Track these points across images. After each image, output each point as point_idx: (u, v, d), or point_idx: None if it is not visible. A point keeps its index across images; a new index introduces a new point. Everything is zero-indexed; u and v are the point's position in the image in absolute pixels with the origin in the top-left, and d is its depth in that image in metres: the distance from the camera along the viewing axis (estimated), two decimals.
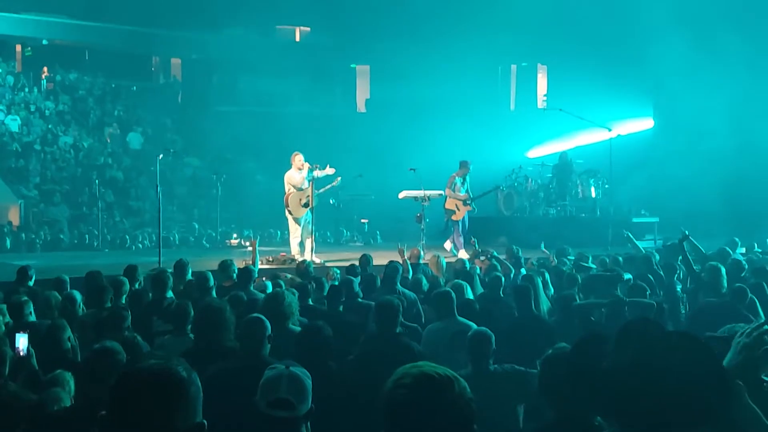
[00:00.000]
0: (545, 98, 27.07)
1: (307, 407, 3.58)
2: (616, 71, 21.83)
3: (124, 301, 8.26)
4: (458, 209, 16.51)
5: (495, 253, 11.85)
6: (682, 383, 2.31)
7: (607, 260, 11.41)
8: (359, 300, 8.62)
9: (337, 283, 9.58)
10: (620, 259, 11.16)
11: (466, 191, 16.71)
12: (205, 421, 2.09)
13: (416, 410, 2.15)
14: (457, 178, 16.73)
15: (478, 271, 10.62)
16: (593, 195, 19.51)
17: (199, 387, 2.11)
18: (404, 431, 2.18)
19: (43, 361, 5.61)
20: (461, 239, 16.39)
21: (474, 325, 7.03)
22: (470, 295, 8.37)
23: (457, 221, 16.53)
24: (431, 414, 2.15)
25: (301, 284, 8.96)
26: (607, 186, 19.48)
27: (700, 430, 2.32)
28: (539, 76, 28.44)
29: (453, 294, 7.47)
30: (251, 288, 8.80)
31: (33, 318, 7.07)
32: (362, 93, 31.92)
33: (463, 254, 14.85)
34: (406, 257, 11.34)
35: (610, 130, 18.30)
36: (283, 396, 3.52)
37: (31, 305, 7.16)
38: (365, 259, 11.22)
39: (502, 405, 5.65)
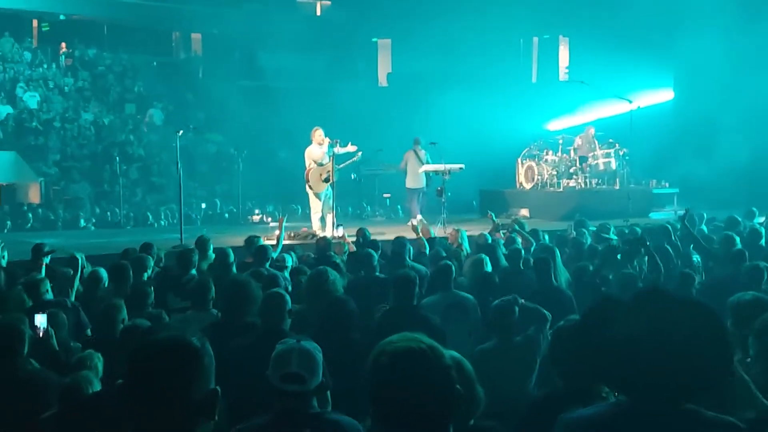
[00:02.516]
0: (567, 70, 26.88)
1: (317, 381, 3.64)
2: (636, 43, 21.63)
3: (145, 279, 8.34)
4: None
5: (517, 227, 11.82)
6: (690, 351, 2.32)
7: (627, 231, 11.38)
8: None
9: (345, 258, 9.65)
10: (638, 230, 11.12)
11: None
12: (218, 388, 2.15)
13: (394, 377, 2.26)
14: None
15: (501, 243, 10.58)
16: (613, 167, 19.43)
17: (212, 356, 2.17)
18: (384, 397, 2.28)
19: (97, 342, 5.58)
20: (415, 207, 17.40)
21: (470, 297, 7.09)
22: (489, 268, 8.38)
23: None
24: (408, 381, 2.24)
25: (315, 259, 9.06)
26: (627, 158, 19.40)
27: (703, 398, 2.34)
28: (561, 48, 28.21)
29: (452, 267, 7.57)
30: (267, 265, 8.84)
31: (50, 296, 7.11)
32: (384, 67, 31.78)
33: (413, 221, 15.39)
34: (420, 234, 11.35)
35: (630, 101, 18.21)
36: (294, 370, 3.59)
37: (48, 283, 7.20)
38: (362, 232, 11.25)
39: (524, 374, 5.68)
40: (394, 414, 2.27)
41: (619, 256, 8.91)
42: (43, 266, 8.60)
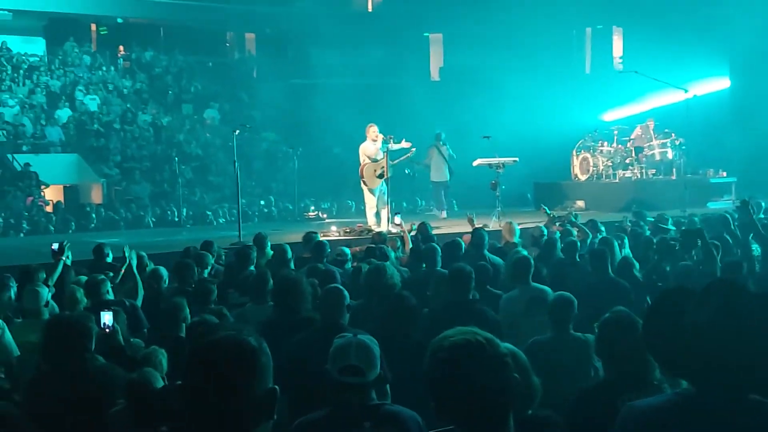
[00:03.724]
0: (621, 60, 26.59)
1: (375, 373, 3.71)
2: (691, 31, 21.34)
3: (206, 275, 8.51)
4: None
5: (573, 218, 11.77)
6: (760, 342, 2.33)
7: (685, 221, 11.26)
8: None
9: (401, 254, 9.70)
10: (696, 219, 10.99)
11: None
12: (276, 387, 2.14)
13: (453, 371, 2.31)
14: None
15: (558, 236, 10.55)
16: (670, 157, 19.20)
17: (269, 355, 2.16)
18: (445, 390, 2.33)
19: (161, 339, 5.70)
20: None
21: (549, 290, 7.05)
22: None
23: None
24: (467, 373, 2.30)
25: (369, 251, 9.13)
26: (683, 147, 19.15)
27: None
28: (615, 38, 27.93)
29: (530, 260, 7.45)
30: (325, 261, 8.94)
31: (110, 296, 7.23)
32: (436, 61, 31.77)
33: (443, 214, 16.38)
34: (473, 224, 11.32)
35: (686, 91, 17.94)
36: (353, 363, 3.65)
37: (108, 284, 7.35)
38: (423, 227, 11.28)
39: (580, 368, 5.68)
40: (455, 406, 2.32)
41: (677, 247, 8.83)
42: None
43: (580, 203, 18.83)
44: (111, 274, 8.10)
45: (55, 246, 8.84)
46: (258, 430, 2.11)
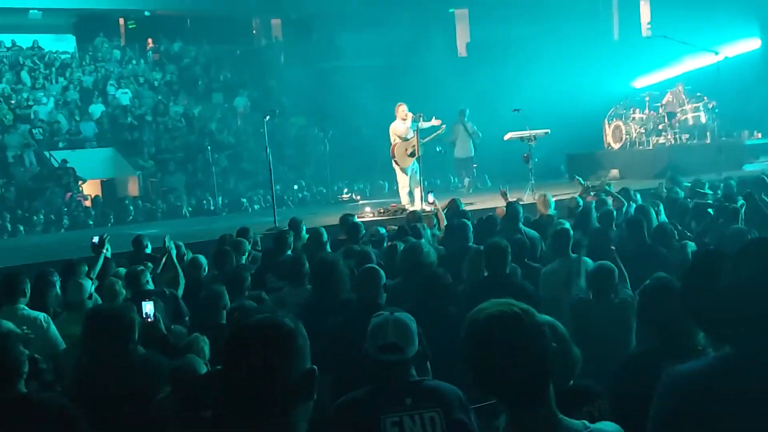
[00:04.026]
0: (649, 26, 26.24)
1: (414, 350, 3.72)
2: None
3: (244, 262, 8.60)
4: None
5: (608, 188, 11.70)
6: None
7: (721, 185, 11.14)
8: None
9: (437, 231, 9.70)
10: (733, 183, 10.88)
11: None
12: (315, 367, 2.16)
13: (490, 343, 2.29)
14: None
15: (593, 205, 10.49)
16: (703, 120, 18.96)
17: (306, 336, 2.17)
18: (483, 363, 2.31)
19: (202, 327, 5.75)
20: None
21: (590, 261, 7.04)
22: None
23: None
24: (504, 344, 2.27)
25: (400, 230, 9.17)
26: (716, 110, 18.89)
27: None
28: (642, 3, 27.53)
29: (570, 232, 7.46)
30: (360, 242, 8.99)
31: (150, 286, 7.35)
32: (462, 37, 31.57)
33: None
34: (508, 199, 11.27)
35: (717, 53, 17.70)
36: (391, 340, 3.67)
37: (148, 274, 7.46)
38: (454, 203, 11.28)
39: (619, 335, 5.70)
40: (494, 379, 2.31)
41: (711, 211, 8.76)
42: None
43: (615, 172, 18.69)
44: (150, 265, 8.21)
45: (96, 240, 8.98)
46: (298, 411, 2.13)
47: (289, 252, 8.72)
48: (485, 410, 4.08)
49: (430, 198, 12.58)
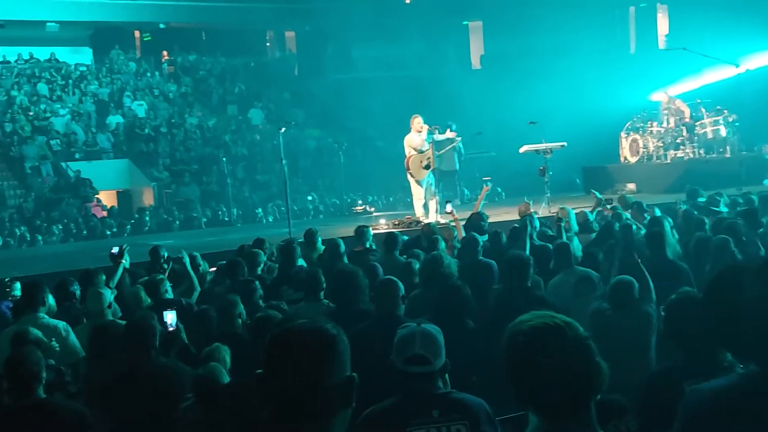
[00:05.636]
0: (666, 38, 26.19)
1: (441, 361, 3.68)
2: (738, 3, 20.86)
3: (259, 272, 8.58)
4: None
5: (629, 199, 11.63)
6: None
7: (741, 201, 11.05)
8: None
9: (456, 243, 9.65)
10: (754, 198, 10.79)
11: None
12: (355, 375, 2.16)
13: (533, 356, 2.22)
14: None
15: (610, 218, 10.46)
16: (723, 134, 18.82)
17: (347, 343, 2.19)
18: (525, 377, 2.25)
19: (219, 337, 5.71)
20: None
21: (593, 272, 7.02)
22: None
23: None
24: (548, 357, 2.21)
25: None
26: (737, 124, 18.75)
27: None
28: (659, 15, 27.53)
29: (569, 245, 7.60)
30: (396, 253, 8.93)
31: (170, 295, 7.36)
32: (476, 49, 31.62)
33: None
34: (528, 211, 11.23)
35: (737, 65, 17.59)
36: (418, 352, 3.63)
37: (168, 283, 7.47)
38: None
39: (642, 348, 5.66)
40: (536, 392, 2.25)
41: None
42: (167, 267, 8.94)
43: (631, 186, 18.57)
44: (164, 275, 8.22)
45: (115, 249, 8.98)
46: (337, 417, 2.12)
47: (300, 261, 8.69)
48: (510, 422, 4.06)
49: (448, 208, 12.46)
